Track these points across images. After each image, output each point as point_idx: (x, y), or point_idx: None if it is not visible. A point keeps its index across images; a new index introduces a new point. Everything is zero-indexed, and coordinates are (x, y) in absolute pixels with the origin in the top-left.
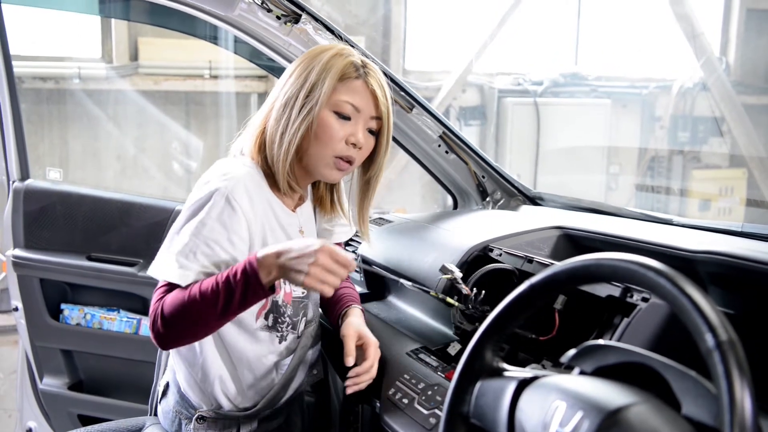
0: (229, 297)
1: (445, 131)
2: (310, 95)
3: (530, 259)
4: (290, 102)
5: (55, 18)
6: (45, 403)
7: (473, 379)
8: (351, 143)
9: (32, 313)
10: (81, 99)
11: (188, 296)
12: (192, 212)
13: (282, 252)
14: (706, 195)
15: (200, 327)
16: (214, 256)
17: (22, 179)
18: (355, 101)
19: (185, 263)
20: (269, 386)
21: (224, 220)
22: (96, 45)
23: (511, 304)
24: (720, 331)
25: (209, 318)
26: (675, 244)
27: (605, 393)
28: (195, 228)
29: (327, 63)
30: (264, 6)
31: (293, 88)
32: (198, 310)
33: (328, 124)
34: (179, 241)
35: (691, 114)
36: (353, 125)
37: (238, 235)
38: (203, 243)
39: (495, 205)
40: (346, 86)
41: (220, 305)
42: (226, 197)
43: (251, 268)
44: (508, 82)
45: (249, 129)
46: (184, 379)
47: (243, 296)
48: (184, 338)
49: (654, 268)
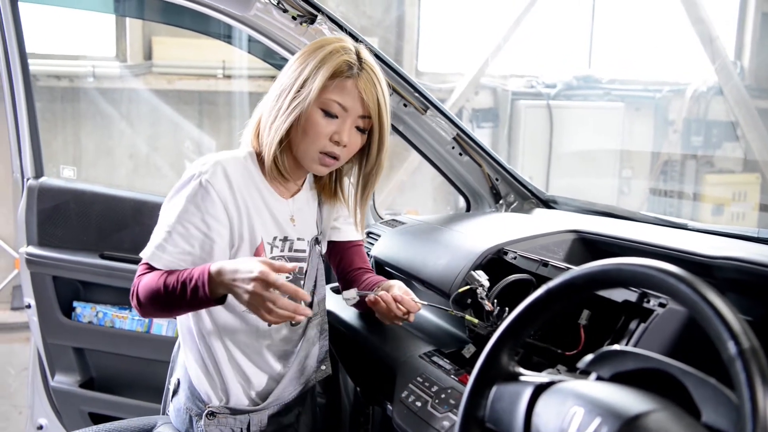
0: (183, 297)
1: (459, 133)
2: (301, 90)
3: (545, 263)
4: (283, 94)
5: (71, 16)
6: (56, 401)
7: (489, 383)
8: (335, 141)
9: (45, 310)
10: (95, 97)
11: (155, 285)
12: (170, 196)
13: (227, 271)
14: (719, 199)
15: (168, 312)
16: (188, 236)
17: (36, 177)
18: (343, 101)
19: (162, 244)
20: (276, 380)
21: (197, 202)
22: (110, 44)
23: (527, 308)
24: (742, 339)
25: (173, 307)
26: (691, 249)
27: (624, 399)
28: (171, 210)
29: (322, 59)
30: (280, 6)
31: (288, 80)
32: (163, 300)
33: (314, 121)
34: (159, 223)
35: (705, 118)
36: (340, 123)
37: (212, 216)
38: (179, 224)
39: (508, 207)
40: (336, 85)
41: (178, 301)
42: (199, 181)
43: (201, 278)
44: (521, 84)
45: (251, 118)
46: (194, 373)
47: (192, 301)
48: (158, 316)
49: (674, 273)
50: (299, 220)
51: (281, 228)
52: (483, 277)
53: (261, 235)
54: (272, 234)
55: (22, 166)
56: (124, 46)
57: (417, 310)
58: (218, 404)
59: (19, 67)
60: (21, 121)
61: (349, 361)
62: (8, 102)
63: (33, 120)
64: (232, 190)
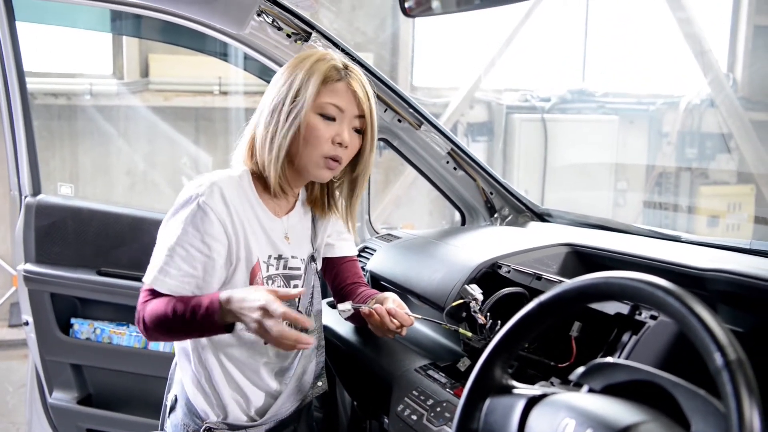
0: (192, 324)
1: (454, 148)
2: (296, 100)
3: (539, 276)
4: (277, 108)
5: (68, 35)
6: (54, 418)
7: (482, 396)
8: (337, 143)
9: (42, 327)
10: (92, 115)
11: (163, 312)
12: (167, 219)
13: (236, 300)
14: (713, 211)
15: (176, 337)
16: (190, 258)
17: (34, 194)
18: (338, 102)
19: (164, 268)
20: (273, 396)
21: (197, 224)
22: (107, 61)
23: (520, 321)
24: (728, 351)
25: (182, 333)
26: (684, 261)
27: (615, 411)
28: (170, 233)
29: (310, 68)
30: (275, 24)
31: (279, 94)
32: (172, 326)
33: (314, 126)
34: (158, 247)
35: (699, 130)
36: (338, 125)
37: (211, 236)
38: (179, 247)
39: (503, 221)
40: (329, 88)
41: (187, 328)
42: (197, 202)
43: (212, 307)
44: (515, 98)
45: (245, 134)
46: (191, 388)
47: (202, 327)
48: (165, 340)
49: (662, 286)
50: (293, 237)
51: (275, 246)
52: (477, 290)
53: (257, 253)
54: (267, 252)
55: (20, 183)
56: (121, 64)
57: (410, 324)
58: (216, 420)
59: (17, 85)
60: (19, 139)
61: (346, 375)
62: (6, 120)
63: (30, 138)
64: (229, 210)
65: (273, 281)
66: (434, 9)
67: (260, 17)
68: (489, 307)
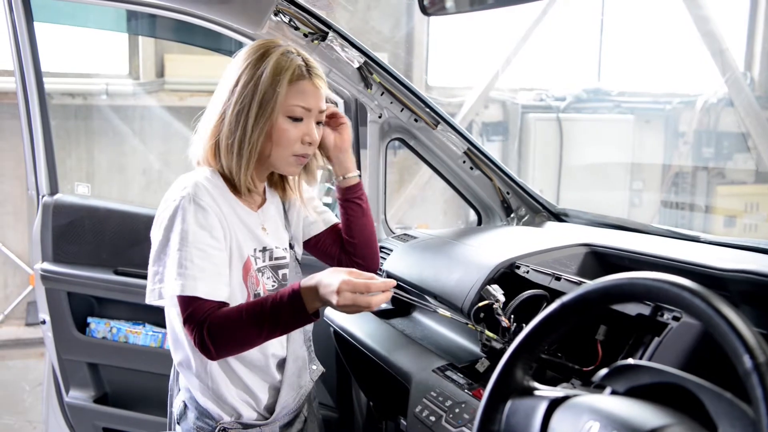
0: (277, 322)
1: (470, 147)
2: (264, 104)
3: (558, 277)
4: (243, 111)
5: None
6: (71, 416)
7: (504, 397)
8: (307, 142)
9: (59, 326)
10: (108, 115)
11: (234, 320)
12: (168, 230)
13: (317, 286)
14: (731, 211)
15: (247, 345)
16: (207, 257)
17: (51, 194)
18: (306, 103)
19: (188, 274)
20: (276, 388)
21: (200, 221)
22: (123, 62)
23: (542, 323)
24: (758, 353)
25: (254, 339)
26: (705, 262)
27: (640, 414)
28: (180, 241)
29: (275, 68)
30: (292, 24)
31: (244, 98)
32: (245, 333)
33: (283, 128)
34: (171, 259)
35: (716, 129)
36: (306, 125)
37: (216, 230)
38: (194, 248)
39: (520, 221)
40: (296, 89)
41: (271, 327)
42: (192, 201)
43: (296, 295)
44: (530, 97)
45: (201, 137)
46: (200, 394)
47: (286, 325)
48: (233, 352)
49: (689, 287)
50: (270, 228)
51: (259, 239)
52: (499, 291)
53: (246, 247)
54: (253, 246)
55: (38, 183)
56: (137, 64)
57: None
58: (229, 420)
59: (35, 85)
60: (36, 139)
61: (362, 375)
62: (24, 120)
63: (48, 138)
64: (218, 205)
65: (263, 274)
66: (451, 8)
67: (277, 17)
68: (512, 309)
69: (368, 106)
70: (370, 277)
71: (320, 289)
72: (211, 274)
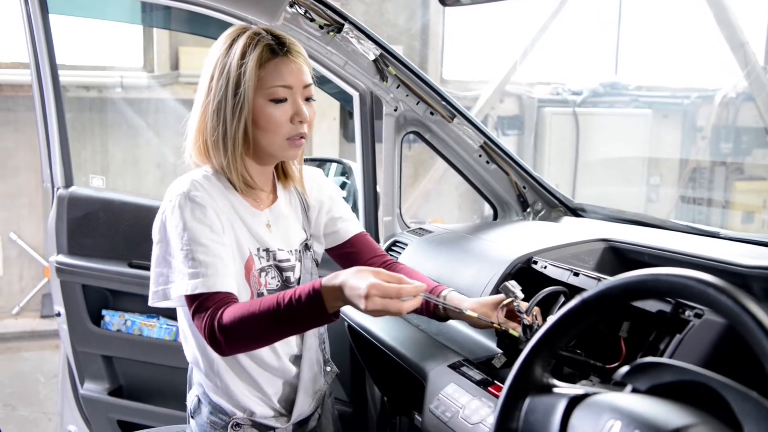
0: (297, 316)
1: (486, 141)
2: (237, 92)
3: (576, 273)
4: (221, 106)
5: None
6: (85, 408)
7: (522, 394)
8: (298, 121)
9: (74, 318)
10: (122, 107)
11: (249, 313)
12: (168, 230)
13: (342, 287)
14: (749, 207)
15: (259, 341)
16: (210, 251)
17: (66, 186)
18: (284, 81)
19: (194, 272)
20: (290, 383)
21: (199, 218)
22: (138, 54)
23: (562, 319)
24: None
25: (268, 337)
26: (726, 258)
27: (663, 413)
28: (181, 238)
29: (243, 53)
30: (307, 16)
31: (219, 91)
32: (259, 328)
33: (267, 113)
34: (175, 259)
35: (734, 124)
36: (292, 104)
37: (215, 225)
38: (196, 245)
39: (536, 216)
40: (269, 70)
41: (282, 329)
42: (188, 198)
43: (316, 294)
44: (546, 91)
45: (190, 139)
46: (212, 391)
47: (306, 322)
48: (244, 348)
49: (714, 284)
50: (279, 229)
51: (261, 240)
52: (517, 288)
53: (246, 246)
54: (255, 246)
55: (53, 175)
56: (152, 57)
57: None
58: (242, 416)
59: (50, 78)
60: (51, 132)
61: (376, 370)
62: (39, 112)
63: (63, 130)
64: (216, 203)
65: (267, 273)
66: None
67: (293, 8)
68: (533, 307)
69: (384, 99)
70: (399, 279)
71: (346, 291)
72: (217, 268)
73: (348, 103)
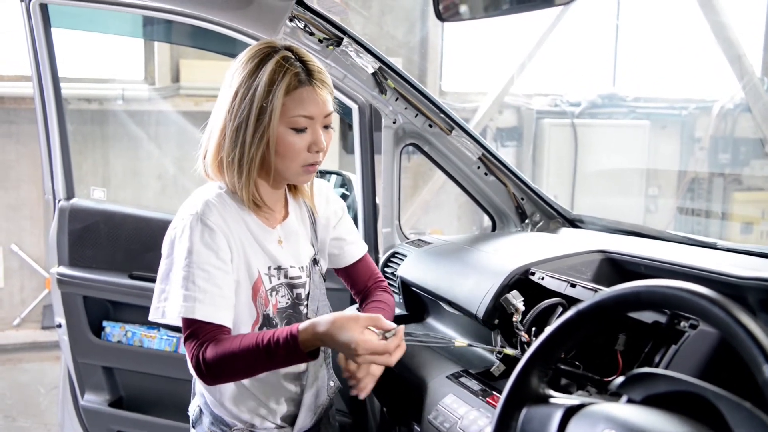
0: (273, 358)
1: (485, 153)
2: (261, 118)
3: (573, 284)
4: (242, 126)
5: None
6: (86, 419)
7: (519, 405)
8: (315, 151)
9: (75, 329)
10: (124, 120)
11: (230, 351)
12: (175, 249)
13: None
14: (747, 218)
15: (241, 376)
16: (211, 278)
17: (67, 198)
18: (308, 112)
19: (190, 295)
20: (292, 398)
21: (207, 242)
22: (139, 67)
23: (558, 330)
24: None
25: (249, 371)
26: (722, 269)
27: (657, 423)
28: (185, 259)
29: (270, 79)
30: (307, 30)
31: (241, 112)
32: (239, 366)
33: (288, 141)
34: (176, 276)
35: (732, 135)
36: (312, 134)
37: (222, 251)
38: (198, 270)
39: (534, 227)
40: (295, 98)
41: (259, 367)
42: (200, 220)
43: (293, 339)
44: (545, 103)
45: (208, 152)
46: (213, 403)
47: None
48: (227, 381)
49: (707, 296)
50: (289, 245)
51: (273, 257)
52: (518, 300)
53: (256, 267)
54: (266, 264)
55: (54, 187)
56: (153, 69)
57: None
58: (243, 427)
59: (52, 90)
60: (53, 144)
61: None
62: (41, 125)
63: (65, 142)
64: (228, 224)
65: (277, 292)
66: (465, 14)
67: (292, 22)
68: (530, 322)
69: (383, 112)
70: (376, 321)
71: (331, 344)
72: (214, 296)
73: (347, 115)
